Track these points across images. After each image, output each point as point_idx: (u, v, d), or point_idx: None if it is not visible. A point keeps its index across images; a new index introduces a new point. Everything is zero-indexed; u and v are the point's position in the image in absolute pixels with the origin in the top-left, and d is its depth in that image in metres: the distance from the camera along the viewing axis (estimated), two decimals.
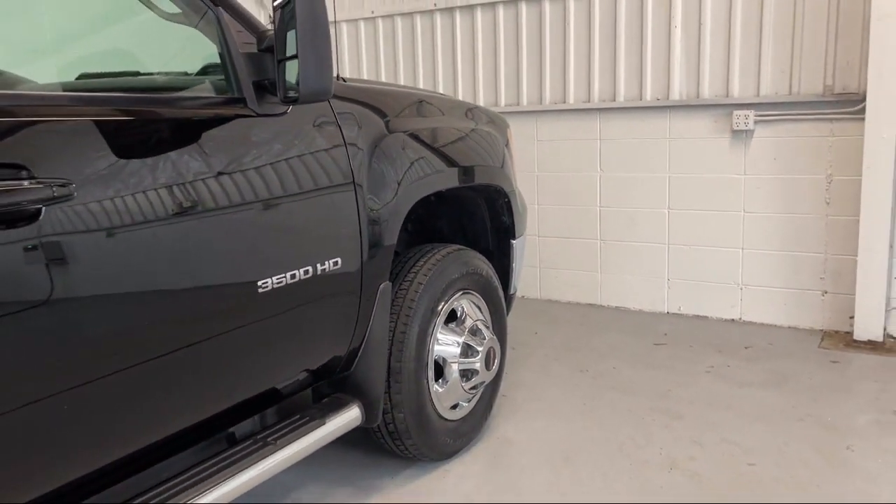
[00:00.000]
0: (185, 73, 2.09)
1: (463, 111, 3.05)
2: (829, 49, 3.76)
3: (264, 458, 1.94)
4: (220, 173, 1.78)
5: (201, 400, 1.84)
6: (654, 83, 4.24)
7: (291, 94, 1.77)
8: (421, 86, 4.96)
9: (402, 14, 4.94)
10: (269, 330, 1.96)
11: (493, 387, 2.89)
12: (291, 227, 1.99)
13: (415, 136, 2.58)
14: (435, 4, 4.80)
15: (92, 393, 1.53)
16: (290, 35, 1.77)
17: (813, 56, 3.81)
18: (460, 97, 4.75)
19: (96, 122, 1.57)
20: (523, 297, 4.83)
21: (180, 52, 2.08)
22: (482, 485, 2.56)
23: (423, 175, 2.56)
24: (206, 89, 1.99)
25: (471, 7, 4.70)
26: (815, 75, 3.82)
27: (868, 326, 3.75)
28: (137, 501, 1.70)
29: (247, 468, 1.90)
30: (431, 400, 2.58)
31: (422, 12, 4.88)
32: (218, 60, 1.95)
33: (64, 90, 1.89)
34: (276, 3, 1.78)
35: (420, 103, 2.77)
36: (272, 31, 1.89)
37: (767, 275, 4.12)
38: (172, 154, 1.69)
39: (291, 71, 1.78)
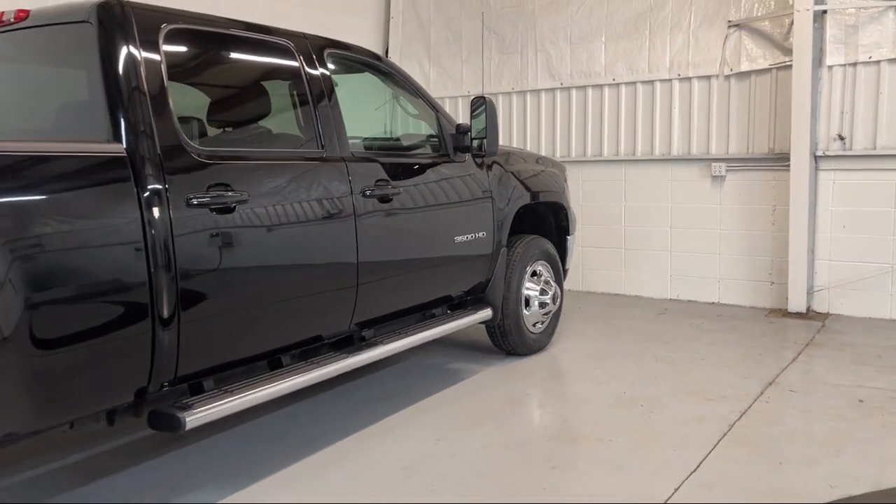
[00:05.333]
0: (420, 140, 4.32)
1: (535, 159, 5.22)
2: (771, 125, 5.88)
3: (450, 322, 4.10)
4: (440, 187, 3.97)
5: (428, 290, 4.01)
6: (661, 144, 6.40)
7: (479, 152, 3.98)
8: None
9: (488, 94, 7.20)
10: (456, 264, 4.12)
11: (556, 317, 5.00)
12: (466, 212, 4.17)
13: (513, 174, 4.75)
14: (513, 88, 7.07)
15: (403, 278, 3.71)
16: (476, 122, 3.99)
17: (762, 129, 5.93)
18: (529, 149, 6.93)
19: (396, 162, 3.79)
20: (570, 289, 6.88)
21: (416, 129, 4.33)
22: (550, 364, 4.67)
23: (519, 196, 4.72)
24: (428, 148, 4.22)
25: (537, 91, 6.96)
26: (763, 141, 5.94)
27: (797, 303, 5.77)
28: (401, 331, 3.85)
29: (442, 325, 4.05)
30: (522, 318, 4.70)
31: (503, 93, 7.15)
32: (433, 133, 4.17)
33: (378, 149, 4.15)
34: (472, 100, 4.00)
35: (513, 154, 4.93)
36: (462, 123, 4.11)
37: (736, 272, 6.18)
38: (424, 177, 3.89)
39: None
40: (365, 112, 5.38)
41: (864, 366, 4.47)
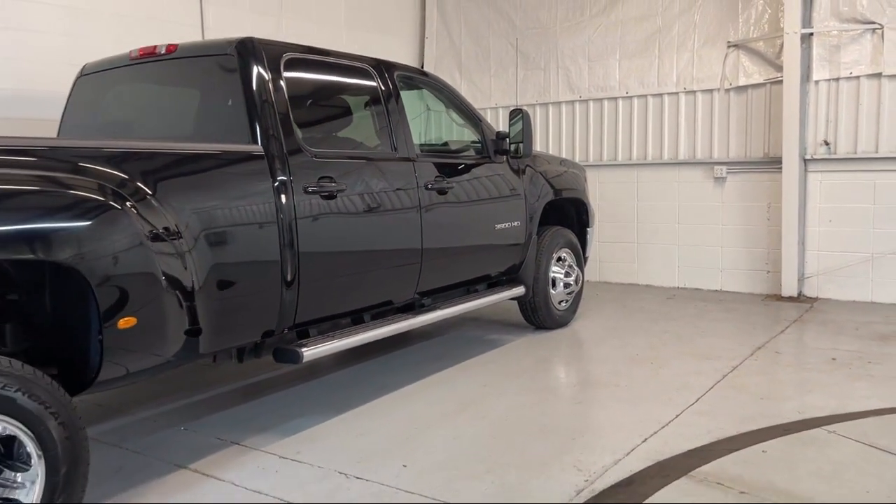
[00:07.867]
0: (467, 144, 5.16)
1: (559, 161, 6.06)
2: (766, 133, 6.69)
3: (491, 295, 4.94)
4: (483, 183, 4.82)
5: (475, 268, 4.84)
6: (669, 149, 7.22)
7: (516, 155, 4.83)
8: None
9: (514, 106, 8.05)
10: (495, 248, 4.96)
11: (578, 297, 5.83)
12: (504, 205, 5.00)
13: (542, 174, 5.58)
14: (536, 101, 7.92)
15: (459, 259, 4.55)
16: (513, 129, 4.84)
17: (758, 136, 6.75)
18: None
19: (449, 162, 4.63)
20: (588, 280, 7.68)
21: (463, 136, 5.18)
22: (574, 335, 5.49)
23: (546, 192, 5.55)
24: (472, 151, 5.06)
25: (558, 103, 7.80)
26: (759, 147, 6.75)
27: (789, 289, 6.55)
28: (452, 301, 4.69)
29: (485, 297, 4.89)
30: (550, 296, 5.52)
31: (527, 105, 7.99)
32: (476, 139, 5.02)
33: (432, 151, 5.01)
34: (511, 112, 4.85)
35: (541, 157, 5.77)
36: (501, 131, 4.96)
37: (735, 262, 6.97)
38: (468, 175, 4.73)
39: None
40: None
41: (841, 336, 5.26)
